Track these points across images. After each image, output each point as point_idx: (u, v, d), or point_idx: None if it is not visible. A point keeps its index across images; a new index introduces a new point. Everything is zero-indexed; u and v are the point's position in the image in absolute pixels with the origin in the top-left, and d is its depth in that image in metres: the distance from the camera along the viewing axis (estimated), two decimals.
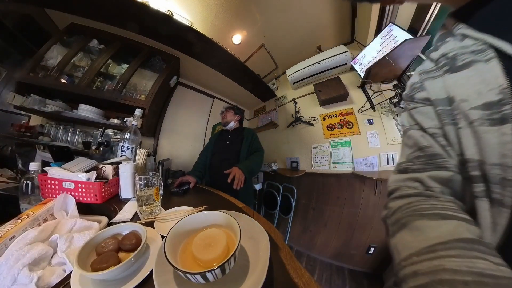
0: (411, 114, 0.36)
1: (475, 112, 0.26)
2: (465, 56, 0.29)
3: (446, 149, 0.31)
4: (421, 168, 0.32)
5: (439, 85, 0.32)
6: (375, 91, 1.93)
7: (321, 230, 2.15)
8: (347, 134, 2.13)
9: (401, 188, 0.34)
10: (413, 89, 0.37)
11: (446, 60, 0.32)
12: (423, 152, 0.33)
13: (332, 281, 1.78)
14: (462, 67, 0.29)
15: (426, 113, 0.34)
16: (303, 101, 2.54)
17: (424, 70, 0.36)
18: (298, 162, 2.47)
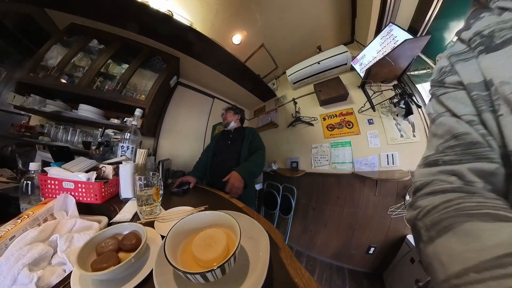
0: (441, 100, 0.31)
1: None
2: (505, 32, 0.26)
3: (487, 138, 0.26)
4: (457, 160, 0.27)
5: (473, 68, 0.28)
6: (375, 91, 1.93)
7: (321, 230, 2.15)
8: (347, 134, 2.13)
9: (434, 182, 0.28)
10: (443, 73, 0.33)
11: (481, 39, 0.28)
12: (459, 141, 0.27)
13: (332, 281, 1.78)
14: (502, 45, 0.25)
15: (460, 99, 0.29)
16: (303, 101, 2.54)
17: (454, 52, 0.32)
18: (298, 162, 2.47)
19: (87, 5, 1.55)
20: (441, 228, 0.21)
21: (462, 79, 0.29)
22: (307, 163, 2.38)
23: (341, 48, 2.12)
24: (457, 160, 0.27)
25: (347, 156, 2.09)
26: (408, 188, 1.67)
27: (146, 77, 2.02)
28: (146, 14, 1.55)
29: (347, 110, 2.16)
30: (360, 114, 2.07)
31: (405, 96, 1.70)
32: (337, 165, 2.13)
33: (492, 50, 0.26)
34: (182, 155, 2.40)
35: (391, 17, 1.61)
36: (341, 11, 1.88)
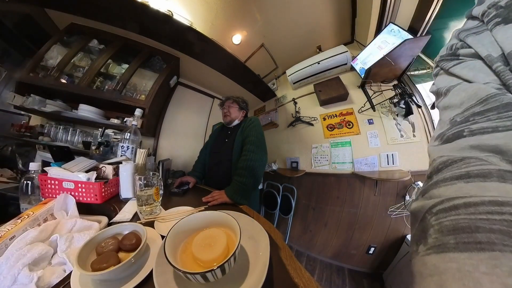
0: (454, 71, 0.26)
1: None
2: None
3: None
4: (491, 128, 0.18)
5: (488, 40, 0.24)
6: (375, 91, 1.93)
7: (321, 230, 2.15)
8: (347, 134, 2.13)
9: (466, 160, 0.19)
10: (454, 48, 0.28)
11: (496, 10, 0.24)
12: (490, 104, 0.19)
13: (332, 281, 1.78)
14: None
15: (480, 67, 0.24)
16: (303, 101, 2.54)
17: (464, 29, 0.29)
18: (298, 162, 2.47)
19: (87, 5, 1.54)
20: (471, 240, 0.14)
21: (477, 51, 0.24)
22: (307, 163, 2.38)
23: (341, 48, 2.12)
24: (493, 127, 0.18)
25: (347, 156, 2.09)
26: (408, 188, 1.67)
27: (146, 77, 2.02)
28: (146, 14, 1.55)
29: (347, 110, 2.16)
30: (360, 114, 2.07)
31: (405, 96, 1.70)
32: (337, 165, 2.13)
33: (509, 21, 0.22)
34: (182, 155, 2.40)
35: (391, 17, 1.61)
36: (341, 11, 1.88)
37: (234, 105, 1.32)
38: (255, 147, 1.04)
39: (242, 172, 0.95)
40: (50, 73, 1.54)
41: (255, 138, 1.08)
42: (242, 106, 1.34)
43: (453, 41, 0.29)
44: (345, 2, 1.79)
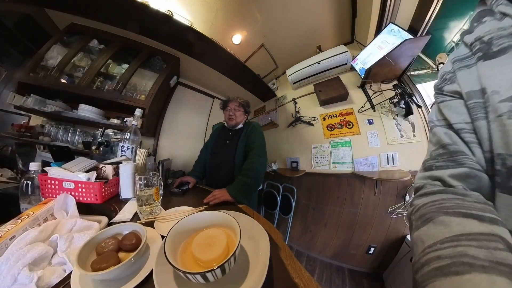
0: (440, 108, 0.35)
1: (504, 105, 0.25)
2: (503, 40, 0.26)
3: (471, 146, 0.30)
4: (444, 166, 0.32)
5: (473, 76, 0.29)
6: (375, 91, 1.93)
7: (321, 230, 2.15)
8: (347, 134, 2.13)
9: (425, 186, 0.33)
10: (444, 80, 0.35)
11: (480, 44, 0.29)
12: (445, 149, 0.32)
13: (332, 281, 1.78)
14: (498, 53, 0.26)
15: (455, 108, 0.32)
16: (303, 101, 2.54)
17: (458, 57, 0.33)
18: (298, 162, 2.47)
19: (87, 5, 1.54)
20: (425, 219, 0.28)
21: (461, 88, 0.31)
22: (307, 163, 2.38)
23: (341, 48, 2.12)
24: (445, 166, 0.32)
25: (347, 156, 2.09)
26: (408, 188, 1.67)
27: (146, 77, 2.02)
28: (146, 14, 1.55)
29: (347, 110, 2.16)
30: (360, 114, 2.07)
31: (405, 96, 1.70)
32: (337, 165, 2.13)
33: (489, 58, 0.27)
34: (182, 155, 2.40)
35: (391, 17, 1.61)
36: (341, 11, 1.88)
37: (240, 108, 1.32)
38: (260, 151, 1.12)
39: (248, 173, 0.99)
40: (50, 73, 1.54)
41: (260, 144, 1.17)
42: (247, 110, 1.36)
43: (447, 67, 0.35)
44: (345, 2, 1.79)
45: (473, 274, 0.18)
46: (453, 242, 0.22)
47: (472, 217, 0.24)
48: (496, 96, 0.26)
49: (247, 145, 1.19)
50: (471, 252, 0.20)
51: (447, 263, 0.21)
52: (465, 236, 0.22)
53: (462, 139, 0.31)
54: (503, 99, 0.25)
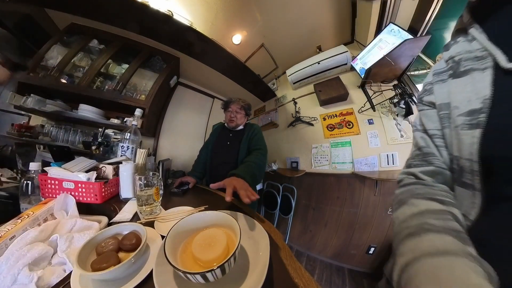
0: (420, 115, 0.42)
1: (460, 118, 0.31)
2: (468, 63, 0.31)
3: (439, 149, 0.37)
4: (419, 164, 0.40)
5: (445, 90, 0.35)
6: (375, 91, 1.93)
7: (321, 230, 2.15)
8: (347, 134, 2.13)
9: (404, 179, 0.42)
10: (424, 90, 0.41)
11: (452, 63, 0.34)
12: (420, 151, 0.40)
13: (332, 281, 1.78)
14: (463, 74, 0.31)
15: (430, 116, 0.39)
16: (303, 101, 2.54)
17: (437, 70, 0.38)
18: (298, 162, 2.47)
19: (87, 5, 1.54)
20: (401, 203, 0.36)
21: (435, 100, 0.37)
22: (307, 163, 2.38)
23: (341, 48, 2.12)
24: (419, 164, 0.40)
25: (347, 156, 2.09)
26: None
27: (146, 77, 2.02)
28: (146, 14, 1.55)
29: (347, 110, 2.16)
30: (360, 114, 2.07)
31: (405, 96, 1.70)
32: (337, 165, 2.13)
33: (456, 77, 0.33)
34: (182, 155, 2.40)
35: (391, 17, 1.61)
36: (341, 11, 1.88)
37: (241, 111, 1.33)
38: (265, 152, 1.20)
39: (254, 166, 1.02)
40: (50, 73, 1.54)
41: (264, 147, 1.24)
42: (248, 112, 1.37)
43: (428, 78, 0.41)
44: (345, 2, 1.79)
45: (430, 234, 0.26)
46: (419, 216, 0.30)
47: (436, 200, 0.32)
48: (456, 110, 0.32)
49: (250, 147, 1.23)
50: (430, 221, 0.28)
51: (414, 230, 0.28)
52: (428, 212, 0.30)
53: (434, 143, 0.38)
54: (460, 114, 0.31)
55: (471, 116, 0.29)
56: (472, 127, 0.29)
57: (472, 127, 0.29)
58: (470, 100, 0.29)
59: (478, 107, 0.28)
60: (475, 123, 0.28)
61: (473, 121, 0.29)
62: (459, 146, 0.31)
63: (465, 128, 0.30)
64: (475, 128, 0.28)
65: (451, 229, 0.26)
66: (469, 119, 0.29)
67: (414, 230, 0.28)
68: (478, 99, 0.28)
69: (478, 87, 0.28)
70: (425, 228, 0.27)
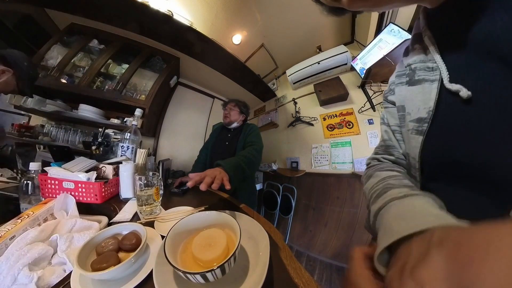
0: (384, 112, 0.47)
1: (411, 124, 0.35)
2: (421, 73, 0.33)
3: (399, 142, 0.43)
4: (381, 152, 0.46)
5: (403, 94, 0.38)
6: (375, 91, 1.93)
7: (321, 230, 2.14)
8: (347, 134, 2.13)
9: (371, 162, 0.48)
10: (389, 90, 0.45)
11: (409, 70, 0.36)
12: (384, 143, 0.46)
13: (332, 281, 1.78)
14: (416, 82, 0.34)
15: (392, 114, 0.43)
16: (303, 101, 2.54)
17: (399, 72, 0.41)
18: (298, 162, 2.47)
19: (87, 5, 1.55)
20: (368, 176, 0.41)
21: (396, 100, 0.41)
22: (307, 163, 2.38)
23: (341, 48, 2.12)
24: (382, 152, 0.46)
25: (347, 156, 2.09)
26: None
27: (146, 77, 2.02)
28: (146, 14, 1.55)
29: (347, 110, 2.16)
30: (360, 114, 2.07)
31: None
32: (337, 165, 2.13)
33: (411, 84, 0.35)
34: (182, 155, 2.40)
35: (391, 17, 1.61)
36: None
37: (235, 108, 1.39)
38: (258, 148, 1.19)
39: (243, 158, 1.01)
40: (50, 73, 1.54)
41: (259, 146, 1.23)
42: (243, 110, 1.41)
43: (392, 79, 0.44)
44: None
45: (391, 190, 0.30)
46: (382, 181, 0.35)
47: (394, 171, 0.38)
48: (408, 116, 0.36)
49: (245, 144, 1.24)
50: (391, 182, 0.33)
51: (379, 192, 0.32)
52: (389, 177, 0.35)
53: (395, 137, 0.43)
54: (411, 120, 0.34)
55: (419, 124, 0.33)
56: (418, 133, 0.33)
57: (418, 133, 0.33)
58: (419, 109, 0.32)
59: (424, 116, 0.32)
60: (420, 130, 0.32)
61: (419, 128, 0.33)
62: (409, 146, 0.37)
63: (413, 133, 0.34)
64: (420, 135, 0.33)
65: (408, 185, 0.32)
66: (417, 126, 0.33)
67: (380, 191, 0.33)
68: (425, 109, 0.31)
69: (426, 98, 0.31)
70: (387, 187, 0.32)
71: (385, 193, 0.31)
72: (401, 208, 0.26)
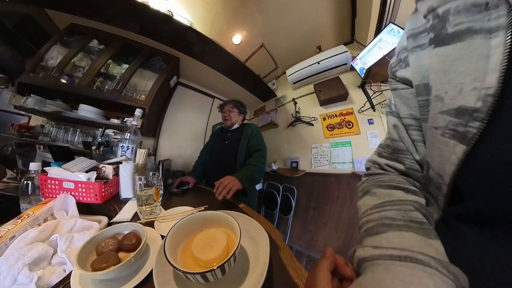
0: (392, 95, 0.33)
1: (443, 118, 0.20)
2: (461, 18, 0.18)
3: (416, 144, 0.29)
4: (388, 157, 0.36)
5: (425, 62, 0.23)
6: (375, 91, 1.93)
7: (321, 230, 2.14)
8: (347, 134, 2.13)
9: (371, 168, 0.39)
10: (399, 61, 0.30)
11: (433, 20, 0.21)
12: (391, 143, 0.34)
13: None
14: (452, 38, 0.19)
15: (406, 99, 0.29)
16: (303, 101, 2.54)
17: (413, 30, 0.26)
18: (298, 162, 2.47)
19: (87, 5, 1.55)
20: (364, 191, 0.33)
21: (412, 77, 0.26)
22: (307, 163, 2.38)
23: (341, 48, 2.12)
24: (389, 157, 0.36)
25: (347, 156, 2.09)
26: None
27: (146, 77, 2.02)
28: (146, 14, 1.55)
29: (347, 110, 2.16)
30: (360, 114, 2.07)
31: None
32: (337, 165, 2.13)
33: (440, 43, 0.20)
34: (182, 155, 2.40)
35: (391, 17, 1.61)
36: (341, 11, 1.88)
37: (234, 109, 1.38)
38: (265, 156, 1.21)
39: (254, 168, 1.05)
40: (50, 73, 1.54)
41: (265, 148, 1.25)
42: (242, 110, 1.41)
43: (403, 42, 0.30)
44: (345, 2, 1.79)
45: (388, 233, 0.22)
46: (379, 208, 0.27)
47: (400, 188, 0.29)
48: (438, 103, 0.20)
49: (250, 148, 1.25)
50: (390, 215, 0.24)
51: (372, 226, 0.25)
52: (389, 202, 0.27)
53: (409, 136, 0.30)
54: (444, 110, 0.20)
55: (460, 118, 0.18)
56: (457, 137, 0.19)
57: (457, 137, 0.19)
58: (462, 90, 0.18)
59: (473, 106, 0.17)
60: (463, 132, 0.18)
61: (460, 128, 0.18)
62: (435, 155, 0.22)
63: (447, 135, 0.20)
64: (460, 143, 0.18)
65: (413, 221, 0.22)
66: (456, 123, 0.19)
67: (372, 226, 0.25)
68: (476, 89, 0.17)
69: (479, 67, 0.16)
70: (384, 224, 0.24)
71: (378, 234, 0.23)
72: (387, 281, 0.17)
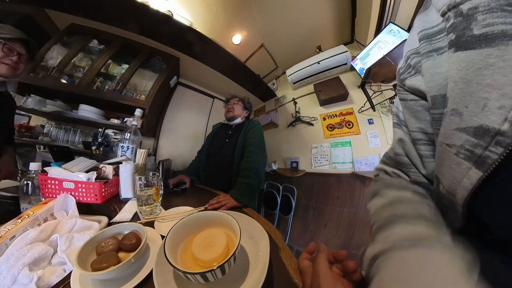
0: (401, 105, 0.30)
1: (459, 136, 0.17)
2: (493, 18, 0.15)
3: (424, 159, 0.28)
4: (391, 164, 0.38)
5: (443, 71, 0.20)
6: (375, 91, 1.93)
7: (321, 230, 2.14)
8: (347, 134, 2.13)
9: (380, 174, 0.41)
10: (408, 66, 0.26)
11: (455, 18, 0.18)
12: (394, 157, 0.36)
13: None
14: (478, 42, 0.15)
15: (415, 111, 0.26)
16: (303, 101, 2.54)
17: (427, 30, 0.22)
18: (298, 162, 2.47)
19: (87, 5, 1.55)
20: (374, 194, 0.35)
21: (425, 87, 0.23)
22: (307, 163, 2.38)
23: (341, 48, 2.12)
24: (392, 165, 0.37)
25: (347, 156, 2.09)
26: None
27: (146, 77, 2.02)
28: (146, 14, 1.55)
29: (347, 110, 2.16)
30: (360, 114, 2.07)
31: None
32: (337, 165, 2.13)
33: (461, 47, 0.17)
34: (182, 155, 2.40)
35: (391, 17, 1.61)
36: (341, 11, 1.88)
37: (239, 103, 1.34)
38: (257, 149, 1.07)
39: (247, 173, 0.95)
40: (50, 73, 1.54)
41: (257, 140, 1.11)
42: (247, 106, 1.36)
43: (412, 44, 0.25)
44: (345, 2, 1.79)
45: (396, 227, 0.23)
46: (390, 206, 0.28)
47: (408, 189, 0.30)
48: (455, 119, 0.17)
49: (245, 141, 1.15)
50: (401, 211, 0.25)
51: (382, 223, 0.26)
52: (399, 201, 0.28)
53: (417, 151, 0.28)
54: (462, 128, 0.17)
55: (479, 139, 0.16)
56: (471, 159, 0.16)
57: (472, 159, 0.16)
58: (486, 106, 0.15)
59: (496, 127, 0.15)
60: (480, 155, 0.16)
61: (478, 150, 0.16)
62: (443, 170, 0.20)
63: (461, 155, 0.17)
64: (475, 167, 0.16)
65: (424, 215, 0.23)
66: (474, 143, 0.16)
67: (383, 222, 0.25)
68: (503, 109, 0.14)
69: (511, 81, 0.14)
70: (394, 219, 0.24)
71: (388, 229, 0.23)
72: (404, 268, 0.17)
